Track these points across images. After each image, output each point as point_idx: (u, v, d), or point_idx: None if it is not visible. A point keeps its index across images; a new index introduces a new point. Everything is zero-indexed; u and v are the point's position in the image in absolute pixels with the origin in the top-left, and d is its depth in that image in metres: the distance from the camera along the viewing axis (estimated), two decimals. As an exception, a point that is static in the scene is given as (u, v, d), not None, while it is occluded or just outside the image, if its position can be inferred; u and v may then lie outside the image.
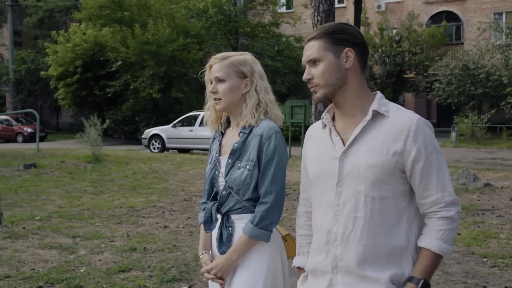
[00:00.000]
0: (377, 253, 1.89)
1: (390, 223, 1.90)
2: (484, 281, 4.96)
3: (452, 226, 1.90)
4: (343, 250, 1.93)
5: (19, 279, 4.93)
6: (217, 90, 2.42)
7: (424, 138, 1.87)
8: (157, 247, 6.15)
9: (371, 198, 1.89)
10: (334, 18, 9.47)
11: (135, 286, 4.79)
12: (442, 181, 1.89)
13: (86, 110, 32.43)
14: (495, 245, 6.21)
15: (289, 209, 8.56)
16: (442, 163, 1.91)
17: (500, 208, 8.45)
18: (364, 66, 1.98)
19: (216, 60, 2.45)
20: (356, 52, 1.95)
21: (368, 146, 1.91)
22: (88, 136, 14.34)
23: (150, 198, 9.86)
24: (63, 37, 28.29)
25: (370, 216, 1.89)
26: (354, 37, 1.95)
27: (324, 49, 1.95)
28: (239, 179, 2.35)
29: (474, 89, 24.63)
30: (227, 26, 29.85)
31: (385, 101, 1.97)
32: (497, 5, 29.85)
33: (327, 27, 1.99)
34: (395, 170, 1.88)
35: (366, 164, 1.89)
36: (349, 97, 1.96)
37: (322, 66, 1.95)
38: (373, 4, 31.94)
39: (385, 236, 1.89)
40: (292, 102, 17.12)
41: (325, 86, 1.96)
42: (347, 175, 1.93)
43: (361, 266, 1.89)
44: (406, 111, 1.94)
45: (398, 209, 1.90)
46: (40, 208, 8.83)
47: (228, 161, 2.41)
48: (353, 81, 1.96)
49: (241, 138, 2.41)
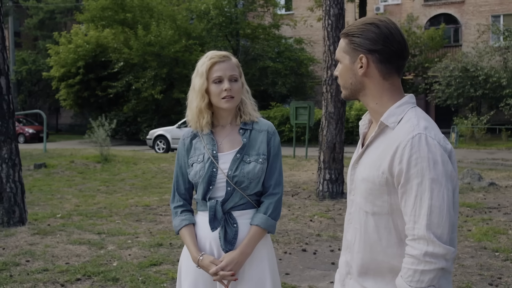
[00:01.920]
0: (378, 269, 1.84)
1: (390, 242, 1.80)
2: (499, 273, 5.23)
3: (416, 267, 1.67)
4: (350, 258, 1.93)
5: (57, 272, 5.17)
6: (232, 88, 2.44)
7: (410, 158, 1.68)
8: (181, 243, 6.34)
9: (364, 212, 1.84)
10: (344, 21, 9.74)
11: (168, 279, 5.04)
12: (417, 211, 1.68)
13: (86, 111, 32.66)
14: (505, 241, 6.48)
15: (301, 207, 8.82)
16: (426, 191, 1.67)
17: (506, 206, 8.74)
18: (389, 73, 1.82)
19: (225, 58, 2.46)
20: (373, 59, 1.80)
21: (369, 158, 1.85)
22: (97, 137, 14.55)
23: (163, 197, 10.09)
24: (65, 38, 28.51)
25: (365, 231, 1.84)
26: (373, 43, 1.79)
27: (343, 50, 1.88)
28: (252, 172, 2.41)
29: (474, 91, 24.97)
30: (228, 28, 30.11)
31: (403, 109, 1.81)
32: (494, 8, 30.20)
33: (350, 27, 1.87)
34: (388, 187, 1.76)
35: (360, 177, 1.85)
36: (369, 102, 1.88)
37: (341, 67, 1.90)
38: (372, 7, 32.25)
39: (384, 255, 1.81)
40: (296, 103, 17.37)
41: (343, 88, 1.92)
42: (356, 185, 1.90)
43: (363, 277, 1.88)
44: (410, 124, 1.75)
45: (398, 229, 1.78)
46: (58, 206, 9.06)
47: (237, 155, 2.43)
48: (371, 88, 1.84)
49: (245, 134, 2.48)
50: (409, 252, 1.69)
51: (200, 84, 2.43)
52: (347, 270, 1.96)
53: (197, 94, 2.45)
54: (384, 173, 1.75)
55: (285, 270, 5.41)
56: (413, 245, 1.68)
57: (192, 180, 2.49)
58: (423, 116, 1.79)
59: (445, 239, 1.67)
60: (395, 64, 1.82)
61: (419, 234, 1.67)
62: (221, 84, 2.42)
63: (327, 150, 9.71)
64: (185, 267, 2.52)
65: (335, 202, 9.31)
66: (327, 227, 7.40)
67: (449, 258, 1.68)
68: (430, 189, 1.66)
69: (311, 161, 15.52)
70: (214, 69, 2.43)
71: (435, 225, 1.66)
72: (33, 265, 5.42)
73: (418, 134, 1.70)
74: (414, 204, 1.68)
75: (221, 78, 2.42)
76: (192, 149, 2.52)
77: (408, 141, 1.69)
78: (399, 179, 1.71)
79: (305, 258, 5.87)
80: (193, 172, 2.47)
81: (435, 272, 1.66)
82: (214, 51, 2.52)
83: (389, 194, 1.76)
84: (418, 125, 1.73)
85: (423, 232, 1.66)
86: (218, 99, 2.44)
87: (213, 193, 2.44)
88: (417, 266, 1.67)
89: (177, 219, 2.54)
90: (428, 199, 1.66)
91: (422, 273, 1.66)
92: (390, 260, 1.80)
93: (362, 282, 1.88)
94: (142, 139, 26.94)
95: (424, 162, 1.67)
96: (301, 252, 6.09)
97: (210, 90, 2.44)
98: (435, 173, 1.67)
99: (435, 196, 1.66)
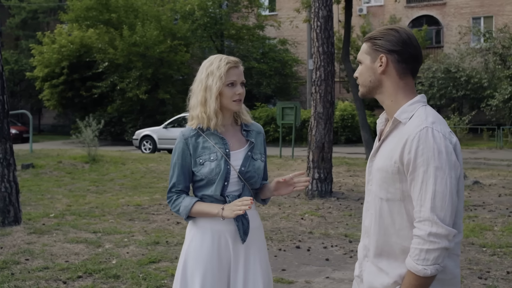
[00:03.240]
0: (391, 250, 2.02)
1: (402, 225, 1.98)
2: (487, 267, 5.44)
3: (422, 246, 1.87)
4: (368, 242, 2.12)
5: (58, 270, 5.25)
6: (242, 92, 2.63)
7: (418, 148, 1.88)
8: (178, 241, 6.50)
9: (379, 198, 2.03)
10: (333, 23, 9.92)
11: (168, 275, 5.15)
12: (423, 195, 1.88)
13: (70, 112, 32.50)
14: (491, 237, 6.71)
15: (291, 206, 8.97)
16: (431, 177, 1.87)
17: (490, 203, 8.99)
18: (405, 73, 2.04)
19: (238, 63, 2.64)
20: (392, 59, 2.02)
21: (384, 150, 2.05)
22: (85, 137, 14.55)
23: (153, 196, 10.17)
24: (49, 38, 28.34)
25: (380, 215, 2.03)
26: (392, 44, 2.02)
27: (365, 52, 2.10)
28: (259, 169, 2.66)
29: (456, 92, 25.40)
30: (212, 29, 30.21)
31: (414, 107, 2.01)
32: (475, 10, 30.70)
33: (373, 32, 2.11)
34: (400, 175, 1.95)
35: (376, 167, 2.06)
36: (385, 100, 2.09)
37: (361, 67, 2.12)
38: (355, 8, 32.55)
39: (397, 237, 1.99)
40: (283, 103, 17.54)
41: (362, 86, 2.13)
42: (372, 176, 2.12)
43: (378, 258, 2.07)
44: (419, 119, 1.96)
45: (410, 213, 1.96)
46: (49, 206, 9.09)
47: (248, 153, 2.64)
48: (387, 85, 2.06)
49: (249, 134, 2.70)
50: (415, 233, 1.89)
51: (218, 86, 2.57)
52: (365, 253, 2.16)
53: (214, 95, 2.58)
54: (396, 163, 1.95)
55: (281, 266, 5.56)
56: (419, 227, 1.89)
57: (206, 177, 2.58)
58: (432, 113, 2.01)
59: (448, 221, 1.87)
60: (410, 65, 2.05)
61: (424, 216, 1.87)
62: (233, 88, 2.59)
63: (316, 149, 9.88)
64: (193, 263, 2.60)
65: (324, 200, 9.48)
66: (318, 225, 7.57)
67: (451, 239, 1.87)
68: (434, 176, 1.86)
69: (298, 160, 15.70)
70: (230, 73, 2.58)
71: (439, 208, 1.86)
72: (33, 263, 5.50)
73: (425, 127, 1.90)
74: (420, 190, 1.88)
75: (235, 82, 2.60)
76: (200, 148, 2.62)
77: (416, 134, 1.90)
78: (408, 168, 1.91)
79: (299, 255, 6.02)
80: (207, 170, 2.57)
81: (439, 252, 1.86)
82: (225, 55, 2.66)
83: (401, 182, 1.96)
84: (426, 120, 1.94)
85: (427, 215, 1.86)
86: (229, 101, 2.60)
87: (228, 189, 2.60)
88: (422, 246, 1.87)
89: (186, 199, 2.63)
90: (433, 185, 1.86)
91: (428, 252, 1.86)
92: (402, 242, 1.98)
93: (377, 263, 2.08)
94: (127, 140, 26.92)
95: (429, 152, 1.87)
96: (295, 249, 6.24)
97: (223, 92, 2.59)
98: (439, 162, 1.87)
99: (439, 182, 1.86)
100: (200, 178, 2.62)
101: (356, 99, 16.86)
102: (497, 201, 9.27)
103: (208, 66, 2.62)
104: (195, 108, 2.64)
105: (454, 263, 2.00)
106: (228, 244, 2.60)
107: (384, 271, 2.05)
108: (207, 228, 2.62)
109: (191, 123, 2.67)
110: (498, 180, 11.63)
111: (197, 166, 2.61)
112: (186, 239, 2.70)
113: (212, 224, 2.61)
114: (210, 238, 2.60)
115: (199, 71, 2.66)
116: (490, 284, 4.91)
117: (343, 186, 11.17)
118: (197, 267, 2.59)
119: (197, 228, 2.64)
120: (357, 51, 28.79)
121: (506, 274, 5.23)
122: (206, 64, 2.64)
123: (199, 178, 2.62)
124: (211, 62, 2.63)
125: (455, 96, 25.63)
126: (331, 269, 5.49)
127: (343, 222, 7.78)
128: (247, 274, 2.61)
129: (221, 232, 2.60)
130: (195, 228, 2.66)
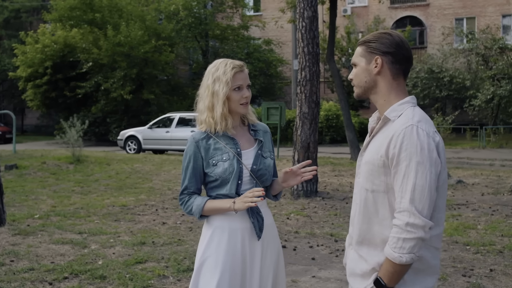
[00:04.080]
0: (372, 239, 2.15)
1: (385, 216, 2.11)
2: (471, 265, 5.51)
3: (399, 235, 2.00)
4: (352, 230, 2.28)
5: (43, 271, 5.22)
6: (248, 95, 2.72)
7: (402, 144, 2.01)
8: (164, 241, 6.50)
9: (365, 189, 2.17)
10: (318, 24, 9.97)
11: (154, 276, 5.15)
12: (404, 187, 2.01)
13: (54, 112, 32.22)
14: (475, 235, 6.80)
15: (277, 206, 9.00)
16: (412, 171, 1.99)
17: (474, 202, 9.10)
18: (398, 74, 2.17)
19: (243, 67, 2.72)
20: (386, 60, 2.16)
21: (373, 145, 2.18)
22: (69, 137, 14.46)
23: (139, 197, 10.14)
24: (32, 38, 28.09)
25: (365, 205, 2.17)
26: (387, 47, 2.16)
27: (360, 55, 2.24)
28: (270, 166, 2.76)
29: (439, 92, 25.64)
30: (197, 29, 30.15)
31: (403, 107, 2.14)
32: (458, 11, 31.00)
33: (368, 36, 2.25)
34: (385, 168, 2.08)
35: (364, 161, 2.20)
36: (378, 99, 2.22)
37: (357, 69, 2.25)
38: (340, 9, 32.70)
39: (379, 226, 2.12)
40: (268, 103, 17.56)
41: (357, 87, 2.26)
42: (361, 169, 2.25)
43: (359, 246, 2.21)
44: (404, 117, 2.09)
45: (392, 205, 2.08)
46: (34, 207, 9.02)
47: (258, 152, 2.74)
48: (381, 86, 2.19)
49: (258, 134, 2.80)
50: (395, 222, 2.03)
51: (225, 91, 2.64)
52: (350, 241, 2.33)
53: (221, 100, 2.66)
54: (382, 157, 2.09)
55: (268, 265, 5.57)
56: (398, 217, 2.02)
57: (220, 177, 2.65)
58: (419, 113, 2.14)
59: (425, 213, 2.00)
60: (403, 66, 2.20)
61: (404, 207, 2.00)
62: (240, 92, 2.68)
63: (302, 149, 9.93)
64: (211, 262, 2.63)
65: (309, 200, 9.52)
66: (304, 225, 7.60)
67: (427, 230, 1.99)
68: (415, 170, 2.00)
69: (283, 160, 15.74)
70: (236, 78, 2.67)
71: (417, 200, 1.99)
72: (18, 264, 5.46)
73: (411, 125, 2.04)
74: (402, 182, 2.02)
75: (241, 86, 2.68)
76: (212, 150, 2.69)
77: (402, 130, 2.04)
78: (392, 161, 2.05)
79: (285, 255, 6.02)
80: (220, 170, 2.64)
81: (415, 241, 1.98)
82: (230, 59, 2.73)
83: (385, 175, 2.10)
84: (412, 118, 2.08)
85: (407, 206, 2.00)
86: (236, 105, 2.69)
87: (242, 188, 2.68)
88: (400, 235, 2.00)
89: (197, 199, 2.70)
90: (413, 178, 2.00)
91: (404, 241, 1.99)
92: (384, 231, 2.11)
93: (358, 250, 2.23)
94: (112, 140, 26.75)
95: (412, 148, 2.01)
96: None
97: (231, 97, 2.67)
98: (421, 158, 2.00)
99: (419, 177, 2.00)
100: (214, 179, 2.68)
101: (340, 99, 16.94)
102: (480, 200, 9.38)
103: (214, 72, 2.69)
104: (202, 113, 2.72)
105: (431, 255, 2.12)
106: (245, 241, 2.66)
107: (363, 258, 2.19)
108: (225, 228, 2.67)
109: (201, 126, 2.74)
110: (481, 179, 11.77)
111: (210, 167, 2.67)
112: (203, 238, 2.73)
113: (228, 223, 2.67)
114: (227, 237, 2.65)
115: (205, 77, 2.73)
116: (474, 282, 4.98)
117: (328, 186, 11.23)
118: (215, 266, 2.63)
119: (214, 228, 2.69)
120: (342, 51, 29.02)
121: (489, 271, 5.30)
122: (212, 70, 2.71)
123: (213, 178, 2.68)
124: (217, 67, 2.70)
125: (438, 96, 25.88)
126: (317, 268, 5.53)
127: (329, 221, 7.83)
128: (263, 269, 2.69)
129: (237, 230, 2.66)
130: (212, 227, 2.70)
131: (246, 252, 2.66)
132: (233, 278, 2.62)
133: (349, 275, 2.30)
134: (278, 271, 2.77)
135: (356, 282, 2.23)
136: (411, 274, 2.09)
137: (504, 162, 16.48)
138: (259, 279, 2.66)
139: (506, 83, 23.14)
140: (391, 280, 2.06)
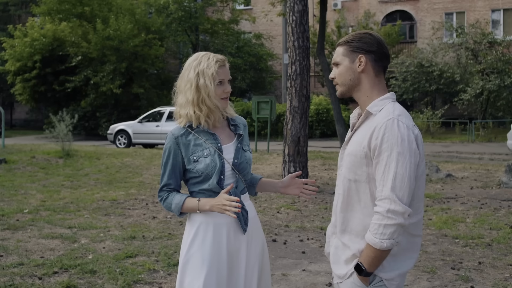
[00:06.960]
0: (354, 226, 2.27)
1: (366, 204, 2.23)
2: (460, 258, 5.56)
3: (380, 222, 2.11)
4: (335, 219, 2.39)
5: (33, 266, 5.20)
6: (230, 90, 2.69)
7: (384, 136, 2.13)
8: (154, 235, 6.49)
9: (348, 179, 2.28)
10: (308, 18, 9.96)
11: (145, 270, 5.15)
12: (385, 176, 2.12)
13: (43, 106, 32.01)
14: (464, 228, 6.85)
15: (267, 200, 9.01)
16: (393, 161, 2.11)
17: (462, 196, 9.16)
18: (379, 71, 2.31)
19: (225, 61, 2.67)
20: (369, 58, 2.29)
21: (356, 138, 2.29)
22: (59, 132, 14.38)
23: (129, 191, 10.12)
24: (20, 31, 27.87)
25: (348, 194, 2.28)
26: (369, 46, 2.28)
27: (343, 54, 2.33)
28: (250, 160, 2.74)
29: (428, 86, 25.74)
30: (187, 23, 30.04)
31: (384, 102, 2.27)
32: (448, 6, 31.09)
33: (349, 36, 2.35)
34: (367, 159, 2.19)
35: (347, 152, 2.31)
36: (361, 96, 2.33)
37: (340, 68, 2.34)
38: (330, 2, 32.72)
39: (361, 214, 2.25)
40: (258, 98, 17.53)
41: (341, 85, 2.35)
42: (343, 161, 2.35)
43: (342, 233, 2.33)
44: (385, 112, 2.21)
45: (374, 194, 2.20)
46: (23, 202, 8.97)
47: (238, 145, 2.70)
48: (365, 83, 2.31)
49: (237, 128, 2.75)
50: (376, 209, 2.14)
51: (208, 85, 2.59)
52: (333, 230, 2.45)
53: (212, 94, 2.60)
54: (364, 148, 2.21)
55: (258, 259, 5.58)
56: (379, 204, 2.13)
57: (203, 173, 2.60)
58: (399, 108, 2.27)
59: (405, 200, 2.12)
60: (384, 63, 2.34)
61: (385, 194, 2.12)
62: (222, 86, 2.64)
63: (292, 143, 9.94)
64: (197, 258, 2.60)
65: (300, 194, 9.53)
66: (294, 218, 7.62)
67: (406, 217, 2.11)
68: (396, 160, 2.12)
69: (273, 154, 15.74)
70: (218, 72, 2.62)
71: (398, 188, 2.11)
72: (7, 259, 5.43)
73: (392, 118, 2.17)
74: (383, 172, 2.14)
75: (223, 80, 2.65)
76: (192, 146, 2.64)
77: (384, 123, 2.16)
78: (374, 152, 2.17)
79: (276, 248, 6.07)
80: (202, 166, 2.60)
81: (395, 227, 2.10)
82: (212, 53, 2.67)
83: (367, 166, 2.21)
84: (393, 112, 2.21)
85: (387, 193, 2.11)
86: (218, 99, 2.63)
87: (224, 182, 2.64)
88: (381, 221, 2.11)
89: (176, 197, 2.67)
90: (394, 167, 2.12)
91: (385, 227, 2.10)
92: (365, 218, 2.23)
93: (341, 238, 2.35)
94: (101, 134, 26.64)
95: (393, 139, 2.13)
96: (271, 243, 6.28)
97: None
98: (402, 148, 2.12)
99: (400, 166, 2.12)
100: (196, 175, 2.64)
101: (331, 93, 16.94)
102: (469, 193, 9.44)
103: (196, 65, 2.62)
104: (183, 107, 2.65)
105: (407, 240, 2.25)
106: (230, 235, 2.64)
107: (346, 245, 2.30)
108: (209, 223, 2.64)
109: (179, 121, 2.67)
110: (470, 173, 11.84)
111: (191, 164, 2.63)
112: (187, 234, 2.69)
113: (213, 218, 2.63)
114: (212, 232, 2.63)
115: (186, 69, 2.66)
116: (462, 275, 5.01)
117: (318, 179, 11.25)
118: (201, 263, 2.60)
119: (199, 224, 2.65)
120: (332, 45, 29.01)
121: (478, 264, 5.34)
122: (193, 63, 2.64)
123: (195, 174, 2.64)
124: (199, 60, 2.63)
125: (428, 90, 25.98)
126: (308, 262, 5.55)
127: (319, 215, 7.85)
128: (249, 262, 2.68)
129: (223, 224, 2.64)
130: (196, 223, 2.66)
131: (231, 246, 2.64)
132: (220, 273, 2.60)
133: (333, 263, 2.40)
134: (263, 263, 2.78)
135: (339, 268, 2.34)
136: (389, 260, 2.20)
137: (493, 156, 16.59)
138: (244, 272, 2.65)
139: (495, 77, 23.25)
140: (371, 265, 2.17)
